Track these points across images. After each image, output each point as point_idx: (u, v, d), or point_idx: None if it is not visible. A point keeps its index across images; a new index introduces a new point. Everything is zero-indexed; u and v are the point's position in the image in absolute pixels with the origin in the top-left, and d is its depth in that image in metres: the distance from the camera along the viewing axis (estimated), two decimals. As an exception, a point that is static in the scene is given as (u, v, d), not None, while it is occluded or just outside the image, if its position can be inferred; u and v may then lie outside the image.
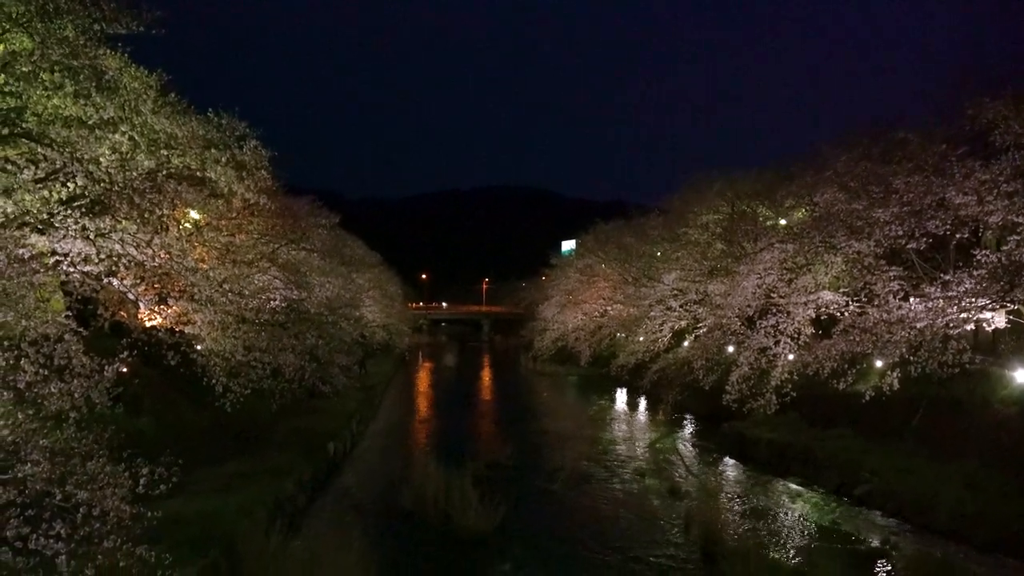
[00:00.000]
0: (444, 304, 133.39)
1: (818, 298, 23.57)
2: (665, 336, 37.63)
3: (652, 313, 38.17)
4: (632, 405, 42.28)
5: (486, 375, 66.39)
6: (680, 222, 41.63)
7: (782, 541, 17.41)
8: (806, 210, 30.76)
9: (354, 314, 37.06)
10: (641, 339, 39.37)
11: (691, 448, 29.01)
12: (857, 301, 22.63)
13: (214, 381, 17.29)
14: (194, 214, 20.17)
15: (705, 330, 31.93)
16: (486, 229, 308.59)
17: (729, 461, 26.09)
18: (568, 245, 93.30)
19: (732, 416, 26.72)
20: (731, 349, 28.66)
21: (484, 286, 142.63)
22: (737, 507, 20.28)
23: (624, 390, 46.10)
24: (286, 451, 21.27)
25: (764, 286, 26.00)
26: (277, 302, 22.53)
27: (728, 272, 31.75)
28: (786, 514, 19.57)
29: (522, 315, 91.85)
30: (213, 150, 15.71)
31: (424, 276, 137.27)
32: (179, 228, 17.51)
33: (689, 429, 33.17)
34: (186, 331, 17.59)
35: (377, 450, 28.84)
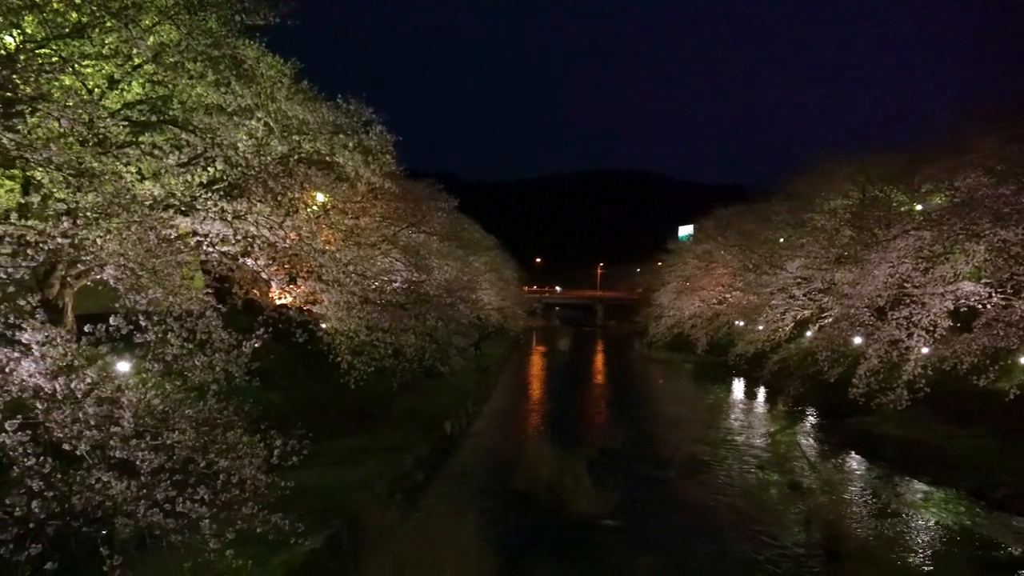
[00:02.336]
0: (558, 288, 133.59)
1: (957, 289, 22.16)
2: (787, 325, 36.40)
3: (773, 301, 36.97)
4: (750, 395, 41.16)
5: (599, 360, 66.13)
6: (805, 207, 40.01)
7: (911, 543, 16.57)
8: (945, 195, 28.97)
9: (471, 296, 37.64)
10: (761, 328, 38.24)
11: (813, 442, 27.98)
12: (1002, 293, 21.15)
13: (339, 359, 18.00)
14: (321, 197, 20.92)
15: (831, 320, 30.67)
16: (601, 213, 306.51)
17: (854, 457, 25.01)
18: (685, 230, 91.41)
19: (858, 411, 25.56)
20: (858, 341, 27.39)
21: (599, 271, 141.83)
22: (862, 505, 19.45)
23: (742, 380, 44.95)
24: (405, 428, 21.87)
25: (897, 275, 24.68)
26: (398, 284, 23.17)
27: (857, 260, 30.32)
28: (916, 515, 18.60)
29: (637, 300, 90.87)
30: (341, 135, 16.23)
31: (538, 260, 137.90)
32: (308, 211, 18.22)
33: (811, 422, 31.97)
34: (313, 310, 18.35)
35: (491, 430, 29.24)
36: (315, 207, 19.71)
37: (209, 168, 13.46)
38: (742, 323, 46.00)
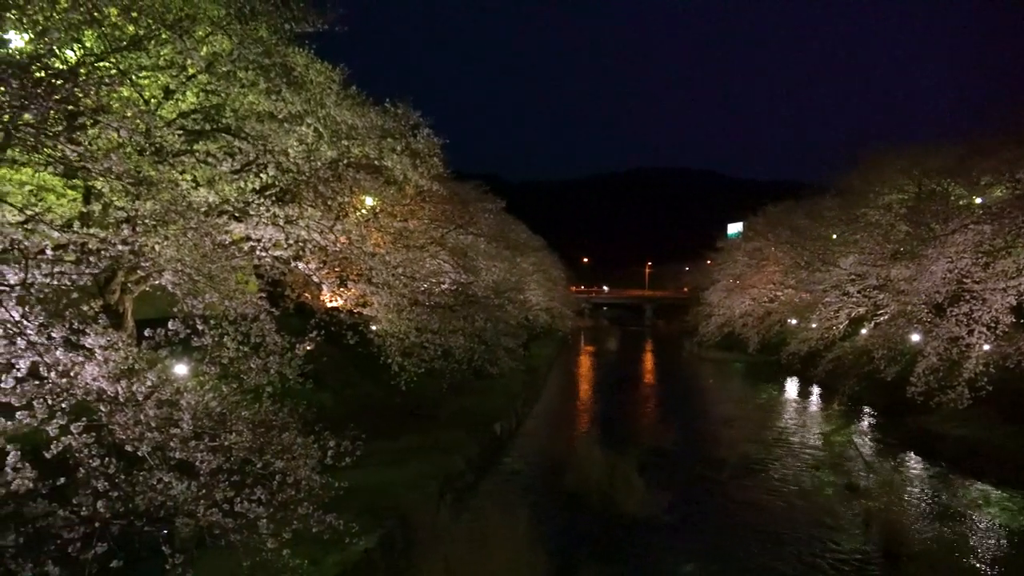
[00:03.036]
0: (606, 288, 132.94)
1: (1020, 284, 21.48)
2: (841, 323, 35.66)
3: (827, 299, 36.25)
4: (803, 395, 40.45)
5: (648, 360, 65.67)
6: (859, 202, 39.13)
7: (973, 546, 16.11)
8: (1006, 187, 28.05)
9: (519, 297, 37.69)
10: (814, 326, 37.53)
11: (870, 442, 27.39)
12: (1067, 287, 20.45)
13: (389, 360, 18.20)
14: (370, 201, 21.15)
15: (887, 317, 29.98)
16: (648, 211, 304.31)
17: (913, 457, 24.42)
18: (735, 227, 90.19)
19: (916, 410, 24.94)
20: (916, 338, 26.71)
21: (647, 270, 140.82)
22: (922, 506, 18.98)
23: (795, 379, 44.19)
24: (454, 429, 22.00)
25: (956, 271, 24.00)
26: (446, 285, 23.31)
27: (914, 256, 29.54)
28: (978, 517, 18.08)
29: (686, 299, 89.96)
30: (389, 139, 16.40)
31: (586, 260, 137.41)
32: (357, 214, 18.45)
33: (867, 422, 31.29)
34: (364, 312, 18.57)
35: (541, 431, 29.25)
36: (364, 211, 19.94)
37: (261, 174, 13.74)
38: (794, 321, 45.21)
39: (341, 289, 18.14)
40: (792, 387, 43.21)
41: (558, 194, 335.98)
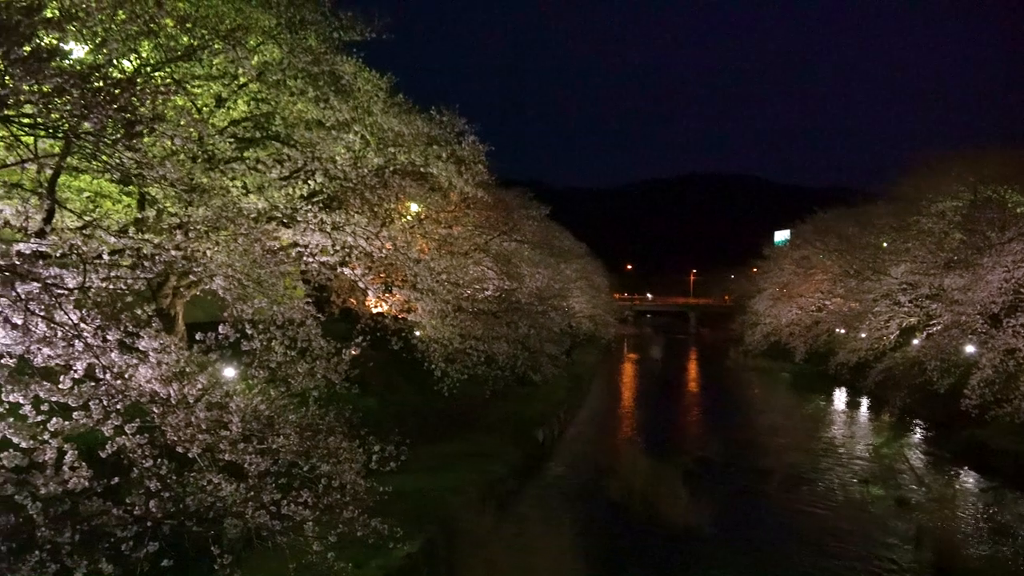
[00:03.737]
0: (649, 295, 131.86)
1: (1080, 295, 20.83)
2: (891, 333, 34.91)
3: (877, 308, 35.51)
4: (852, 406, 39.67)
5: (692, 368, 65.03)
6: (910, 210, 38.22)
7: (1032, 565, 15.62)
8: (1067, 195, 27.27)
9: (562, 304, 37.59)
10: (863, 336, 36.76)
11: (921, 456, 26.73)
12: None
13: (433, 366, 18.30)
14: (415, 207, 21.32)
15: (940, 328, 29.22)
16: (693, 218, 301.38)
17: (967, 472, 23.77)
18: (782, 235, 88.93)
19: (971, 423, 24.27)
20: (971, 349, 26.00)
21: (691, 277, 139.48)
22: (977, 523, 18.44)
23: (843, 390, 43.35)
24: (497, 435, 22.02)
25: (1013, 280, 23.36)
26: (490, 292, 23.37)
27: (968, 264, 28.79)
28: (1037, 535, 17.52)
29: (731, 307, 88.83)
30: (435, 146, 16.52)
31: (629, 267, 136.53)
32: (402, 221, 18.62)
33: (919, 435, 30.54)
34: (408, 318, 18.72)
35: (584, 438, 29.14)
36: (409, 217, 20.10)
37: (309, 181, 13.94)
38: (843, 331, 44.32)
39: (386, 295, 18.30)
40: (840, 398, 42.40)
41: (602, 201, 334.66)
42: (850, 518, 18.61)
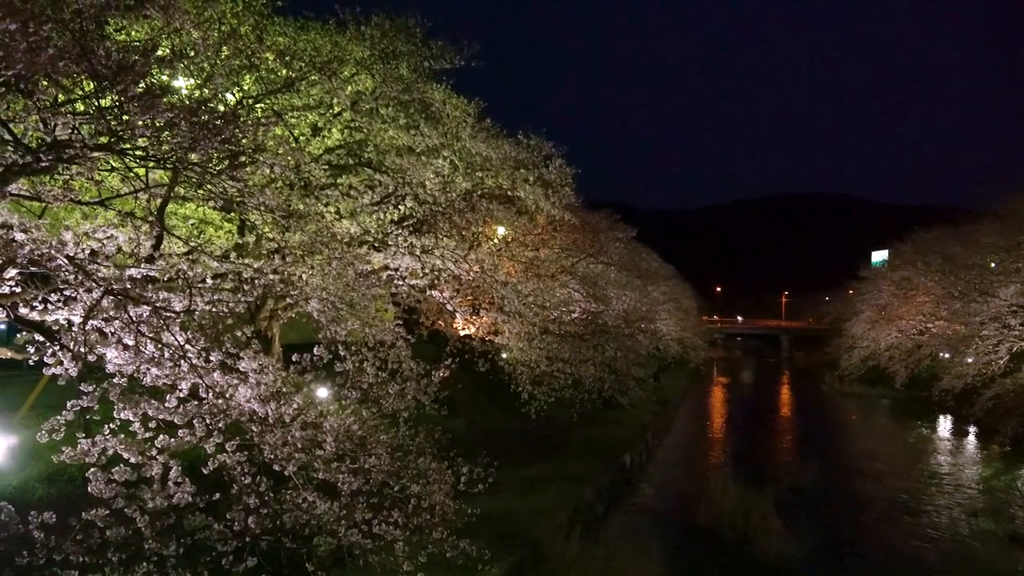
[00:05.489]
0: (739, 318, 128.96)
1: None
2: (1001, 358, 33.04)
3: (984, 332, 33.71)
4: (958, 434, 37.72)
5: (785, 393, 63.13)
6: (1021, 228, 36.34)
7: None
8: None
9: (649, 327, 37.19)
10: (970, 361, 34.94)
11: (1035, 488, 25.15)
12: None
13: (520, 388, 18.37)
14: (502, 230, 21.54)
15: (1054, 353, 27.59)
16: (783, 239, 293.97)
17: (1089, 508, 22.24)
18: (879, 255, 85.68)
19: (1091, 455, 22.76)
20: (1089, 376, 24.43)
21: (783, 299, 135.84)
22: (1100, 563, 17.22)
23: (948, 417, 41.27)
24: (583, 459, 21.83)
25: None
26: (576, 314, 23.33)
27: (1085, 286, 27.17)
28: None
29: (825, 331, 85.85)
30: (522, 170, 16.72)
31: (718, 289, 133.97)
32: (490, 244, 18.84)
33: (1033, 466, 28.78)
34: (495, 340, 18.86)
35: (672, 463, 28.61)
36: (496, 240, 20.33)
37: (400, 206, 14.31)
38: (947, 355, 42.25)
39: (473, 317, 18.52)
40: (945, 426, 40.38)
41: (690, 222, 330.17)
42: (956, 553, 17.63)
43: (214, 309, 8.20)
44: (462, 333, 20.39)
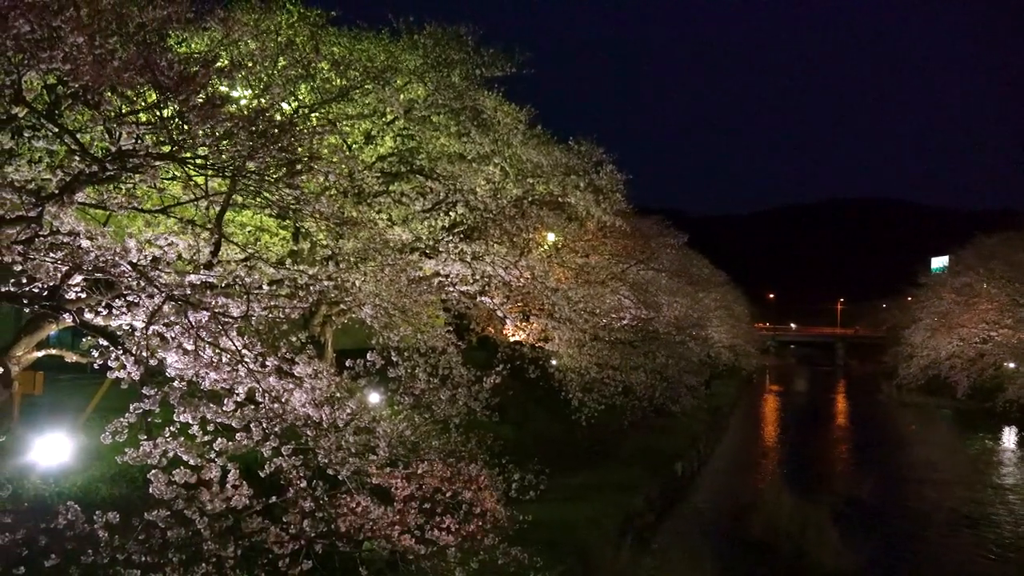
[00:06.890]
0: (793, 325, 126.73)
1: None
2: (1069, 368, 31.94)
3: (1051, 341, 32.63)
4: (1024, 446, 36.50)
5: (841, 402, 61.80)
6: (1089, 233, 35.10)
7: None
8: None
9: (701, 334, 36.73)
10: (1036, 370, 33.83)
11: (1108, 504, 24.16)
12: None
13: (570, 395, 18.29)
14: (552, 237, 21.51)
15: None
16: (838, 244, 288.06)
17: None
18: (939, 262, 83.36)
19: None
20: None
21: (838, 306, 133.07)
22: None
23: (1013, 429, 39.94)
24: (634, 467, 21.62)
25: None
26: (627, 321, 23.17)
27: None
28: None
29: (882, 338, 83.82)
30: (573, 176, 16.69)
31: (771, 295, 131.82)
32: (540, 250, 18.83)
33: (1105, 480, 27.67)
34: (545, 347, 18.83)
35: (724, 473, 28.19)
36: (547, 246, 20.31)
37: (451, 212, 14.39)
38: (1012, 365, 40.93)
39: (524, 323, 18.52)
40: (1010, 437, 39.07)
41: (742, 228, 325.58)
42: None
43: (270, 315, 8.32)
44: (512, 339, 20.39)
